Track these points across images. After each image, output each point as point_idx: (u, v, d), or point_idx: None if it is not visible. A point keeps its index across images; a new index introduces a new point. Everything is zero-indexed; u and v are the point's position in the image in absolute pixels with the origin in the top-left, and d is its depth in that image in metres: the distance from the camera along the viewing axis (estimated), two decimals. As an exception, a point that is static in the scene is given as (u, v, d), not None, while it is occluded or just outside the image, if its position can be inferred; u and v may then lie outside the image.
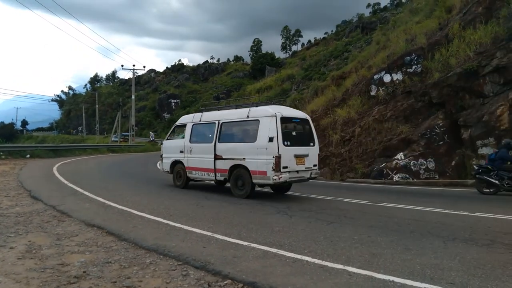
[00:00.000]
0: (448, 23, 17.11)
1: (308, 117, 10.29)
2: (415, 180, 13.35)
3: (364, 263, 4.20)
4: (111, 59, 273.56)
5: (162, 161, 12.28)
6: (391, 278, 3.71)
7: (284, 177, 8.56)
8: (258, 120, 8.96)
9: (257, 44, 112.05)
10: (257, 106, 9.62)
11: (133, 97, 47.43)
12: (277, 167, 8.36)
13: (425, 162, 13.47)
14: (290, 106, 45.26)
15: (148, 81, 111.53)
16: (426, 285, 3.51)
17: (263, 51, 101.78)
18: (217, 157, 9.80)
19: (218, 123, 10.01)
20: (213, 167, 9.94)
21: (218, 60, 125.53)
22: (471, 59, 13.62)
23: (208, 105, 12.35)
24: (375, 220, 6.51)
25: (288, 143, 8.72)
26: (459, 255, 4.40)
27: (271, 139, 8.48)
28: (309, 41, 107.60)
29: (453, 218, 6.74)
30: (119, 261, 4.41)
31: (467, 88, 13.35)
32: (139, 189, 10.89)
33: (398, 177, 13.73)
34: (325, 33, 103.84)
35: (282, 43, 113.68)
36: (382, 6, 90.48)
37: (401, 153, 14.09)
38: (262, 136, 8.68)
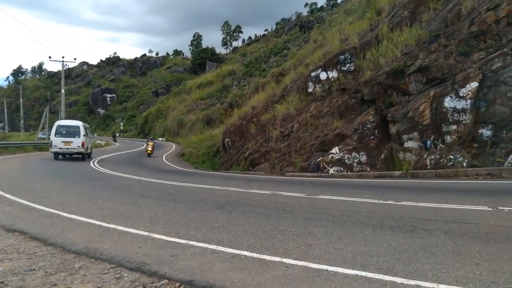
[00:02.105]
0: (378, 25, 18.23)
1: (79, 124, 21.41)
2: (349, 172, 14.09)
3: (300, 254, 4.33)
4: (38, 50, 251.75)
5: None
6: (325, 267, 3.87)
7: (55, 150, 20.41)
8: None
9: (197, 39, 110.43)
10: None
11: (62, 91, 44.17)
12: (51, 145, 20.47)
13: (358, 155, 14.26)
14: (231, 102, 44.74)
15: (80, 74, 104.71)
16: (357, 272, 3.71)
17: (204, 46, 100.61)
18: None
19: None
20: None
21: (157, 53, 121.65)
22: (398, 59, 14.66)
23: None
24: (311, 212, 6.75)
25: (59, 136, 20.21)
26: (386, 242, 4.72)
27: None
28: (250, 37, 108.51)
29: (382, 207, 7.21)
30: (44, 268, 4.09)
31: (395, 86, 14.35)
32: (70, 190, 10.19)
33: (334, 170, 14.39)
34: (265, 30, 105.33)
35: (223, 38, 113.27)
36: (319, 6, 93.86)
37: (336, 147, 14.77)
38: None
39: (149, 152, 27.99)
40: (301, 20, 77.42)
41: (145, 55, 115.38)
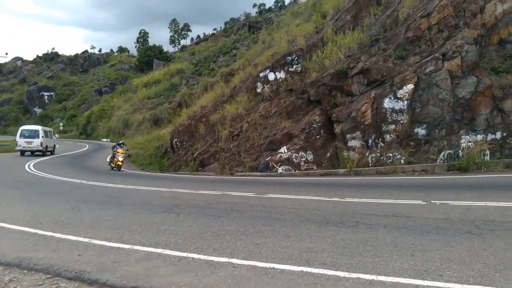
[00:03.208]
0: (323, 28, 18.86)
1: (39, 128, 26.43)
2: (296, 171, 14.43)
3: (248, 253, 4.35)
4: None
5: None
6: (272, 265, 3.92)
7: (20, 148, 25.40)
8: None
9: (143, 36, 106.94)
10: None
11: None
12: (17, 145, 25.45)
13: (305, 154, 14.65)
14: (179, 102, 43.81)
15: (13, 70, 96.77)
16: (302, 268, 3.80)
17: (151, 44, 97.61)
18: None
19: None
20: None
21: (100, 50, 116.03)
22: (342, 61, 15.28)
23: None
24: (260, 211, 6.81)
25: (23, 137, 25.20)
26: (330, 238, 4.89)
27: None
28: (198, 36, 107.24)
29: (327, 204, 7.48)
30: (-32, 283, 3.71)
31: (339, 87, 14.94)
32: (0, 196, 9.37)
33: (282, 169, 14.65)
34: (214, 29, 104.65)
35: (171, 36, 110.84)
36: (267, 7, 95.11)
37: (285, 146, 15.05)
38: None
39: (119, 163, 18.63)
40: (250, 20, 78.00)
41: (87, 51, 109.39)
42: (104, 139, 53.54)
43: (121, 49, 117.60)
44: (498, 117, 12.66)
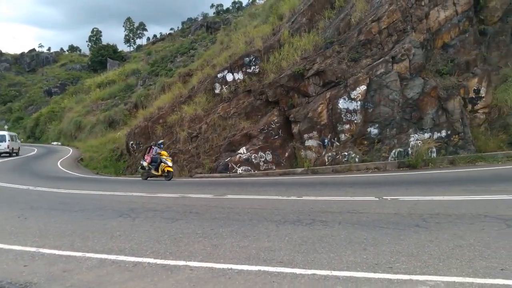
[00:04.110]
0: (280, 30, 19.14)
1: (5, 133, 30.41)
2: (256, 171, 14.52)
3: (206, 256, 4.31)
4: None
5: None
6: (230, 266, 3.91)
7: None
8: None
9: (96, 34, 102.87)
10: None
11: None
12: None
13: (264, 154, 14.78)
14: (135, 103, 42.67)
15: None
16: (260, 267, 3.83)
17: (104, 43, 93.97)
18: None
19: None
20: None
21: (49, 49, 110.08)
22: (298, 63, 15.59)
23: None
24: (219, 213, 6.77)
25: None
26: (288, 236, 4.97)
27: None
28: (155, 35, 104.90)
29: (285, 203, 7.59)
30: None
31: (296, 88, 15.23)
32: None
33: (242, 170, 14.69)
34: (171, 29, 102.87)
35: (126, 35, 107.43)
36: (225, 8, 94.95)
37: (244, 147, 15.10)
38: None
39: (170, 170, 14.04)
40: (208, 21, 77.48)
41: (34, 49, 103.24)
42: (55, 142, 50.80)
43: (72, 48, 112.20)
44: (443, 117, 13.50)
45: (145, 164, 13.67)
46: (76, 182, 15.43)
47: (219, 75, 18.81)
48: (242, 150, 15.04)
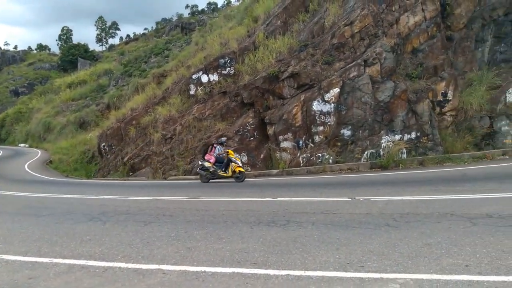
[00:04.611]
0: (255, 32, 19.20)
1: None
2: (231, 173, 14.45)
3: (179, 259, 4.25)
4: None
5: None
6: (204, 268, 3.88)
7: None
8: None
9: (66, 33, 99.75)
10: None
11: None
12: None
13: (239, 156, 14.74)
14: (108, 103, 41.81)
15: None
16: (234, 269, 3.82)
17: (75, 42, 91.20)
18: None
19: None
20: None
21: (16, 47, 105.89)
22: (273, 65, 15.68)
23: None
24: (193, 215, 6.71)
25: None
26: (262, 237, 4.98)
27: None
28: (128, 35, 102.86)
29: (260, 204, 7.61)
30: None
31: (271, 90, 15.31)
32: None
33: (217, 172, 14.57)
34: (145, 29, 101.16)
35: (98, 34, 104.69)
36: (200, 8, 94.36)
37: (219, 149, 15.00)
38: None
39: (242, 170, 12.32)
40: (182, 21, 76.64)
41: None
42: (22, 144, 48.76)
43: (41, 47, 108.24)
44: (413, 119, 13.93)
45: (207, 164, 11.92)
46: (44, 185, 14.87)
47: (194, 76, 18.65)
48: (217, 151, 14.93)
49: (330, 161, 13.62)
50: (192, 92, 18.52)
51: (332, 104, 13.78)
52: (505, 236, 4.54)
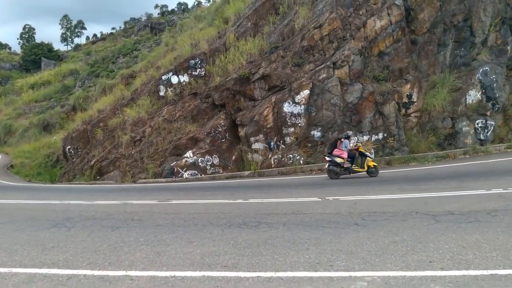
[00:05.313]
0: (225, 33, 19.16)
1: None
2: (202, 175, 14.35)
3: (148, 264, 4.15)
4: None
5: None
6: (173, 273, 3.80)
7: None
8: None
9: (29, 31, 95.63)
10: None
11: None
12: None
13: (211, 158, 14.66)
14: (74, 105, 40.39)
15: None
16: (204, 273, 3.77)
17: (38, 41, 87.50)
18: None
19: None
20: None
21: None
22: (244, 67, 15.70)
23: None
24: (162, 219, 6.58)
25: None
26: (233, 240, 4.95)
27: None
28: (95, 35, 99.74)
29: (231, 206, 7.57)
30: None
31: (242, 92, 15.31)
32: None
33: (188, 174, 14.43)
34: (113, 29, 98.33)
35: (62, 33, 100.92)
36: (169, 9, 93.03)
37: (190, 151, 14.87)
38: None
39: (375, 164, 11.53)
40: (152, 21, 75.23)
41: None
42: (-21, 148, 46.19)
43: (1, 45, 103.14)
44: (380, 120, 14.34)
45: (339, 160, 11.28)
46: (4, 191, 14.15)
47: (163, 77, 18.36)
48: (188, 154, 14.79)
49: (301, 161, 13.78)
50: (162, 94, 18.22)
51: (303, 106, 13.96)
52: (466, 232, 4.75)
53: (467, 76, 16.54)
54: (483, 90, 16.39)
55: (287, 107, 14.04)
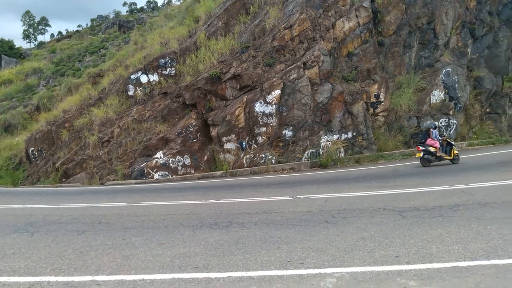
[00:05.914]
0: (196, 32, 18.94)
1: None
2: (174, 176, 14.13)
3: (115, 268, 4.04)
4: None
5: None
6: (142, 276, 3.72)
7: None
8: None
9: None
10: None
11: None
12: None
13: (182, 158, 14.46)
14: (37, 105, 38.96)
15: None
16: (174, 275, 3.71)
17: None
18: None
19: None
20: None
21: None
22: (215, 66, 15.59)
23: None
24: (131, 221, 6.43)
25: None
26: (204, 240, 4.91)
27: None
28: (60, 32, 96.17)
29: (203, 207, 7.50)
30: None
31: (213, 91, 15.20)
32: None
33: (159, 175, 14.17)
34: (79, 26, 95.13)
35: (25, 30, 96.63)
36: (139, 6, 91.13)
37: (161, 151, 14.60)
38: None
39: (457, 153, 12.78)
40: (120, 19, 73.37)
41: None
42: None
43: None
44: (349, 119, 14.66)
45: (432, 149, 12.29)
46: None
47: (132, 77, 17.92)
48: (159, 154, 14.52)
49: (273, 161, 13.86)
50: (131, 93, 17.79)
51: (274, 106, 14.03)
52: (430, 226, 4.94)
53: (431, 76, 17.22)
54: (446, 90, 17.14)
55: (258, 107, 14.07)
